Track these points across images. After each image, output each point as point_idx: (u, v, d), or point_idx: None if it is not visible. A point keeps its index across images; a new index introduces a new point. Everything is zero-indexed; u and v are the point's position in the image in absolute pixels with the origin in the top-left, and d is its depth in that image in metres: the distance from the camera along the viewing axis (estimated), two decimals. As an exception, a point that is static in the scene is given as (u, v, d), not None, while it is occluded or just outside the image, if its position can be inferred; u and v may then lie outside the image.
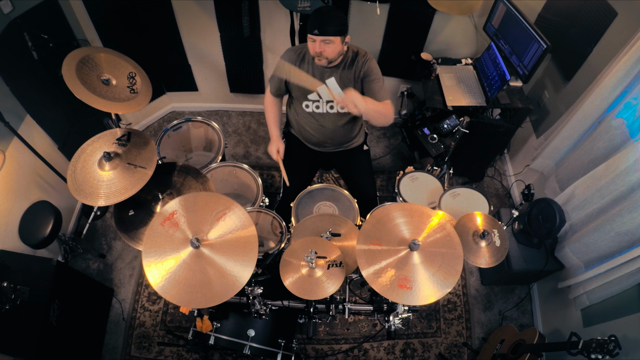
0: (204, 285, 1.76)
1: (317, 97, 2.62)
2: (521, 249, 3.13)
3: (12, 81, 2.76)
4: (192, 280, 1.76)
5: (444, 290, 1.81)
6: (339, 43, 2.34)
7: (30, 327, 2.46)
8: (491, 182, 4.18)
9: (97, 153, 2.17)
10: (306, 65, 2.56)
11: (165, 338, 3.22)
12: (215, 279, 1.77)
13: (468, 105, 3.33)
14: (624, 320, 2.50)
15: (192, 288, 1.75)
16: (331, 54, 2.37)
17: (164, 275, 1.76)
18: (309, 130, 2.78)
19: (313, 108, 2.66)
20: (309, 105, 2.66)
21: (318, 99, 2.63)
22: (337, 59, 2.44)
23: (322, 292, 2.00)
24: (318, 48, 2.34)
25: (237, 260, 1.81)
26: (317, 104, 2.65)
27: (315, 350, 3.24)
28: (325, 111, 2.66)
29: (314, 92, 2.59)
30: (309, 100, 2.64)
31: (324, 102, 2.63)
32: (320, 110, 2.67)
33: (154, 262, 1.78)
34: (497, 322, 3.45)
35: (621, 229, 2.41)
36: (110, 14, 3.30)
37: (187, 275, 1.77)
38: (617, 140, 2.57)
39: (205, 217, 1.91)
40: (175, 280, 1.76)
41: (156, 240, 1.84)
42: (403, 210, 2.02)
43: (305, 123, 2.76)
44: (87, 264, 3.50)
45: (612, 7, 2.66)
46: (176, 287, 1.75)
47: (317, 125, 2.72)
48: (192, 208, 1.93)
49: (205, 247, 1.83)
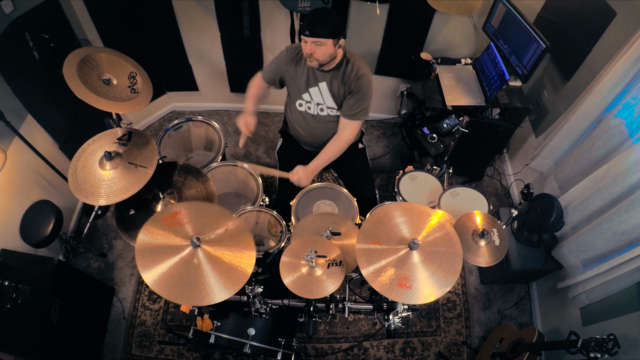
0: (197, 283, 1.77)
1: (309, 98, 2.63)
2: (520, 248, 3.14)
3: (13, 81, 2.76)
4: (185, 278, 1.78)
5: (444, 289, 1.81)
6: (331, 45, 2.32)
7: (31, 325, 2.47)
8: (490, 181, 4.18)
9: (98, 152, 2.18)
10: (302, 66, 2.56)
11: (165, 337, 3.22)
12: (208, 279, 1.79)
13: (467, 104, 3.34)
14: (623, 319, 2.50)
15: (185, 285, 1.76)
16: (322, 56, 2.35)
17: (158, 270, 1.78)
18: (300, 131, 2.81)
19: (305, 108, 2.68)
20: (302, 104, 2.68)
21: (310, 99, 2.64)
22: (329, 62, 2.43)
23: (322, 291, 2.00)
24: (309, 49, 2.33)
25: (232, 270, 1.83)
26: (309, 104, 2.66)
27: (315, 349, 3.24)
28: (316, 113, 2.67)
29: (306, 93, 2.61)
30: (302, 99, 2.66)
31: (314, 103, 2.65)
32: (311, 112, 2.68)
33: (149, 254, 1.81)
34: (497, 320, 3.46)
35: (618, 228, 2.42)
36: (111, 14, 3.30)
37: (181, 272, 1.78)
38: (616, 140, 2.58)
39: (208, 223, 1.93)
40: (169, 275, 1.77)
41: (154, 232, 1.87)
42: (403, 209, 2.03)
43: (297, 123, 2.79)
44: (88, 263, 3.51)
45: (611, 7, 2.67)
46: (169, 282, 1.76)
47: (307, 126, 2.76)
48: (197, 213, 1.96)
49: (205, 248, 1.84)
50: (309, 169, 2.63)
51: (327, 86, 2.54)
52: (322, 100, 2.61)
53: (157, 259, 1.79)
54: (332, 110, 2.64)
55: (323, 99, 2.60)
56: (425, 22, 3.53)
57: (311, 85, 2.58)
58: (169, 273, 1.77)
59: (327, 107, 2.64)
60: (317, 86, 2.57)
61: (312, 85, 2.58)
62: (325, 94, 2.58)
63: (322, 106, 2.64)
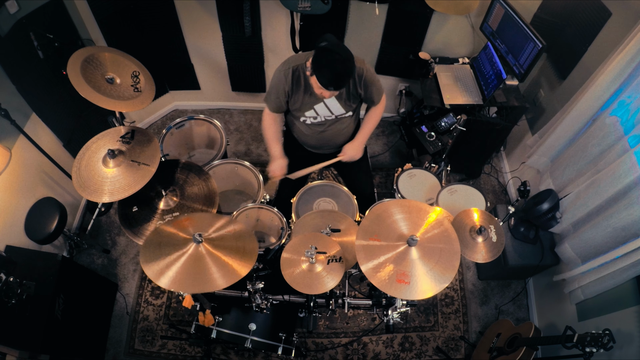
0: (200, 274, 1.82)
1: (315, 114, 2.57)
2: (517, 244, 3.16)
3: (18, 80, 2.78)
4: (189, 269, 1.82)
5: (442, 285, 1.83)
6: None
7: (36, 320, 2.49)
8: (488, 179, 4.21)
9: (101, 150, 2.19)
10: (302, 89, 2.45)
11: (168, 332, 3.25)
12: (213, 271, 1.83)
13: (465, 103, 3.36)
14: (618, 314, 2.52)
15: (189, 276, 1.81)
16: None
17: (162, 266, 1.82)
18: (308, 137, 2.73)
19: (311, 120, 2.61)
20: (306, 120, 2.61)
21: (316, 115, 2.57)
22: None
23: (322, 286, 2.01)
24: (327, 95, 2.29)
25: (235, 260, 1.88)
26: (316, 118, 2.59)
27: (316, 344, 3.27)
28: (323, 119, 2.60)
29: (311, 110, 2.53)
30: (305, 117, 2.59)
31: (321, 116, 2.58)
32: (318, 120, 2.61)
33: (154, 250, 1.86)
34: (494, 316, 3.49)
35: (618, 224, 2.43)
36: (114, 14, 3.32)
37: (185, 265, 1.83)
38: (611, 138, 2.59)
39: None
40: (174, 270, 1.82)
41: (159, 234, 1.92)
42: (401, 206, 2.05)
43: (305, 130, 2.70)
44: (91, 259, 3.54)
45: (606, 7, 2.68)
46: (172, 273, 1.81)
47: (316, 132, 2.68)
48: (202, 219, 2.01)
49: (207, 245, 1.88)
50: (357, 143, 2.64)
51: (336, 95, 2.45)
52: (330, 112, 2.55)
53: (161, 255, 1.85)
54: (341, 115, 2.60)
55: (330, 110, 2.54)
56: (423, 22, 3.54)
57: (316, 103, 2.50)
58: (177, 270, 1.82)
59: (336, 116, 2.59)
60: (322, 102, 2.50)
61: (317, 103, 2.50)
62: (332, 105, 2.51)
63: (330, 116, 2.59)
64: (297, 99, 2.48)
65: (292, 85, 2.41)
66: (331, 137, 2.73)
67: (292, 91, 2.44)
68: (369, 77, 2.46)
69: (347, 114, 2.60)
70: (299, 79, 2.40)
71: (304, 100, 2.47)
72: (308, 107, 2.51)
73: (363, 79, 2.44)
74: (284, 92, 2.45)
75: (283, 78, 2.40)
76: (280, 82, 2.42)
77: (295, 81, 2.41)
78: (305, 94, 2.45)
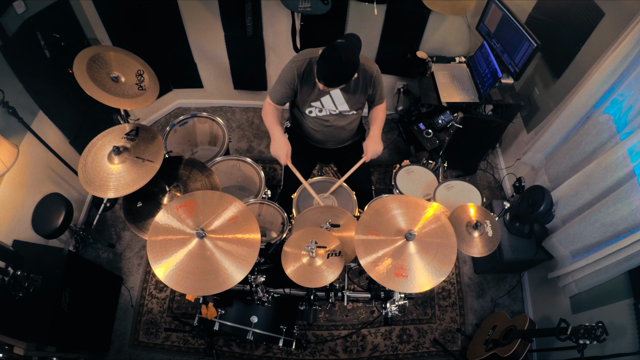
0: (206, 273, 1.83)
1: (320, 105, 2.61)
2: (512, 239, 3.18)
3: (25, 79, 2.80)
4: (194, 268, 1.83)
5: (439, 279, 1.85)
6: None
7: (43, 313, 2.51)
8: (484, 175, 4.24)
9: (106, 147, 2.20)
10: (311, 81, 2.50)
11: (172, 324, 3.29)
12: (217, 268, 1.85)
13: (462, 101, 3.38)
14: (611, 307, 2.56)
15: (195, 275, 1.82)
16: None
17: (168, 264, 1.84)
18: (313, 130, 2.77)
19: (316, 112, 2.65)
20: (312, 111, 2.65)
21: (321, 107, 2.62)
22: None
23: (322, 280, 2.03)
24: (321, 87, 2.38)
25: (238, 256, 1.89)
26: (321, 110, 2.63)
27: (316, 336, 3.31)
28: (328, 113, 2.64)
29: (317, 101, 2.58)
30: (312, 107, 2.63)
31: (326, 109, 2.62)
32: (323, 114, 2.65)
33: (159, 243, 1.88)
34: (490, 309, 3.53)
35: (606, 220, 2.47)
36: (119, 15, 3.33)
37: (190, 263, 1.85)
38: (605, 135, 2.62)
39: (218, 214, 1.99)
40: (179, 268, 1.83)
41: (166, 221, 1.94)
42: (399, 202, 2.07)
43: (310, 123, 2.73)
44: (97, 253, 3.57)
45: (599, 8, 2.70)
46: (178, 273, 1.82)
47: (321, 126, 2.72)
48: (209, 202, 2.02)
49: (210, 239, 1.90)
50: (375, 137, 2.67)
51: (340, 91, 2.54)
52: (335, 107, 2.60)
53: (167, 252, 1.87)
54: (345, 112, 2.64)
55: (335, 105, 2.60)
56: (421, 22, 3.56)
57: (323, 95, 2.55)
58: (182, 267, 1.84)
59: (340, 111, 2.63)
60: (328, 94, 2.55)
61: (323, 95, 2.55)
62: (337, 100, 2.56)
63: (335, 111, 2.63)
64: (307, 89, 2.54)
65: (304, 75, 2.48)
66: (336, 132, 2.77)
67: (303, 80, 2.50)
68: (379, 78, 2.56)
69: (350, 112, 2.65)
70: (311, 69, 2.46)
71: (313, 90, 2.53)
72: (315, 98, 2.57)
73: (374, 79, 2.53)
74: (292, 83, 2.51)
75: (294, 69, 2.46)
76: (289, 73, 2.48)
77: (308, 71, 2.47)
78: (313, 86, 2.52)
